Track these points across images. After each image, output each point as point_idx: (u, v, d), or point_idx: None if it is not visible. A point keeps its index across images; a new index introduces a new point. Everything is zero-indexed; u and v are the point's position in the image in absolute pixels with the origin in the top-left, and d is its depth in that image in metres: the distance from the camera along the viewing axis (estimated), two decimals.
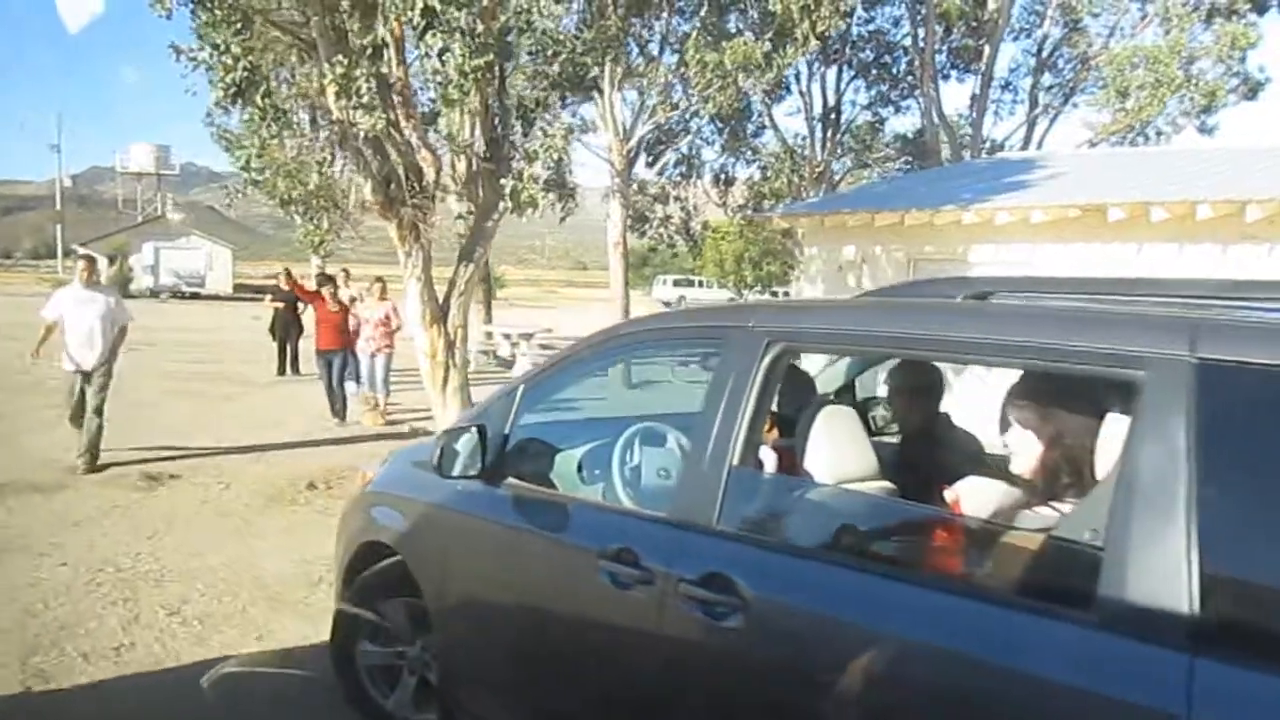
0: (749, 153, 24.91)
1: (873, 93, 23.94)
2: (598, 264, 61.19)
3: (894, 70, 23.19)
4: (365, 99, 6.74)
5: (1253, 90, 19.97)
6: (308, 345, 15.29)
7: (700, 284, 55.02)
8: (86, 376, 8.08)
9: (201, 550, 6.11)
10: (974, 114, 21.25)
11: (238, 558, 5.99)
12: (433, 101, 8.06)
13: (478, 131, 7.95)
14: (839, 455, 2.73)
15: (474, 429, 3.24)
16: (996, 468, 2.78)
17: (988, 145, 21.40)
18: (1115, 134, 18.64)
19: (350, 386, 11.33)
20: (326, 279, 11.86)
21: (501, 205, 7.82)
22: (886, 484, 2.82)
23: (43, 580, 5.43)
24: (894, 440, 3.72)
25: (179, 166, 67.51)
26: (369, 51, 6.92)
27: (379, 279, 11.36)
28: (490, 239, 8.15)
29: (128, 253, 41.49)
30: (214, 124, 22.30)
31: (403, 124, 7.32)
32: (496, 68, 7.85)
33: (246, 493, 7.61)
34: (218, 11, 6.68)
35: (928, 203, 11.47)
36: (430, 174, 7.55)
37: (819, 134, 23.50)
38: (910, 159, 24.95)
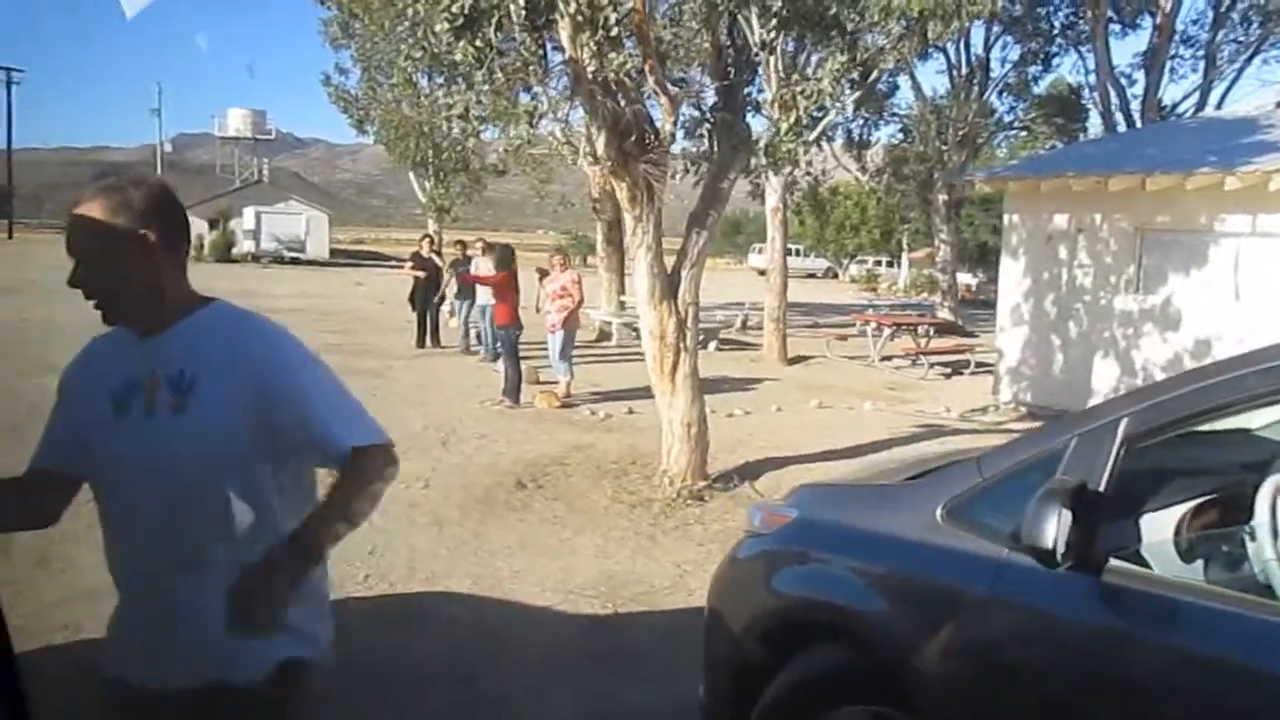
0: (883, 115, 23.42)
1: (1023, 49, 22.14)
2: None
3: (1049, 24, 21.34)
4: (614, 32, 5.62)
5: None
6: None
7: (797, 253, 53.30)
8: None
9: (437, 572, 5.13)
10: (1147, 72, 19.31)
11: (487, 584, 4.99)
12: (659, 42, 6.90)
13: (708, 78, 6.81)
14: None
15: (1067, 488, 2.11)
16: None
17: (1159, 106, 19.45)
18: None
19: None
20: (490, 247, 10.80)
21: (751, 161, 6.65)
22: None
23: None
24: None
25: (274, 131, 67.61)
26: None
27: (559, 249, 10.30)
28: (725, 202, 7.01)
29: (229, 216, 41.36)
30: (331, 84, 21.45)
31: (640, 66, 6.21)
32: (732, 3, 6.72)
33: (454, 492, 6.64)
34: None
35: (1175, 166, 10.00)
36: (667, 125, 6.42)
37: (965, 93, 21.78)
38: (1062, 120, 23.11)
